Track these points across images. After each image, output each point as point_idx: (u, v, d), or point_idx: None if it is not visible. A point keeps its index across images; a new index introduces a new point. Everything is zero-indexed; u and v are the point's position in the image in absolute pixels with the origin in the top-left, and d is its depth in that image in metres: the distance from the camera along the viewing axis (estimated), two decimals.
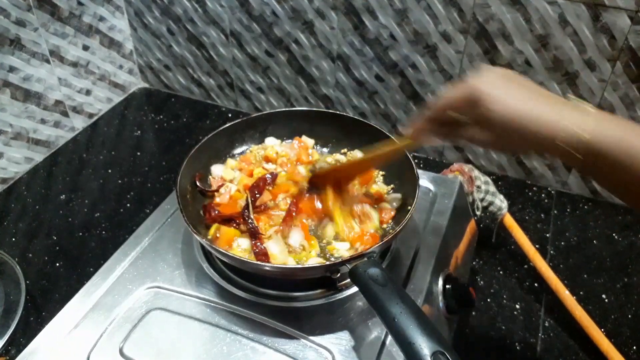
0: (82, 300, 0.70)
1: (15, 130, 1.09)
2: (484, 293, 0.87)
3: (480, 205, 0.89)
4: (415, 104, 1.12)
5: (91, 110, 1.27)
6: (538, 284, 0.88)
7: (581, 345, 0.79)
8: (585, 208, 1.05)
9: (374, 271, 0.59)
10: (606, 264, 0.93)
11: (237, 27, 1.20)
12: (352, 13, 1.06)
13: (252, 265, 0.65)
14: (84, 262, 0.92)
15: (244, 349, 0.62)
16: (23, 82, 1.08)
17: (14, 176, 1.11)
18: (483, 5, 0.95)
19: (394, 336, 0.54)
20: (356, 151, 0.85)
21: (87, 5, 1.18)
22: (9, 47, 1.03)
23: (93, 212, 1.02)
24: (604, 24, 0.89)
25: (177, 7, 1.23)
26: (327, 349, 0.62)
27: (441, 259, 0.76)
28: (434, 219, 0.81)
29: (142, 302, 0.68)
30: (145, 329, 0.65)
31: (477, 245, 0.93)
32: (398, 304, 0.55)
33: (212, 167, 0.82)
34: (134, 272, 0.72)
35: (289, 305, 0.67)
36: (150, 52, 1.35)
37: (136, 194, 1.07)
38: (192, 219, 0.70)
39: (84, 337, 0.65)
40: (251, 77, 1.27)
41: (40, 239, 0.97)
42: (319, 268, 0.63)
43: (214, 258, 0.73)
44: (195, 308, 0.68)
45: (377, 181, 0.81)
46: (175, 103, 1.36)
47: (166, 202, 0.84)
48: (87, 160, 1.16)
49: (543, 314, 0.84)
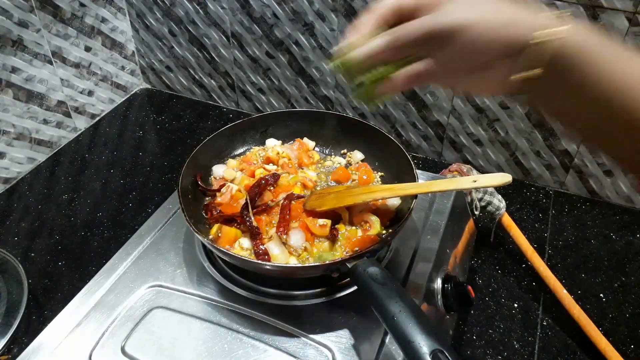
0: (84, 299, 0.70)
1: (18, 131, 1.09)
2: (482, 292, 0.88)
3: (479, 205, 0.90)
4: (413, 105, 1.13)
5: (93, 110, 1.28)
6: (536, 283, 0.89)
7: (579, 344, 0.80)
8: (582, 208, 1.05)
9: (374, 270, 0.59)
10: (604, 263, 0.93)
11: (238, 29, 1.20)
12: (352, 15, 1.07)
13: (253, 264, 0.66)
14: (86, 261, 0.92)
15: (245, 347, 0.63)
16: (25, 83, 1.08)
17: (17, 176, 1.12)
18: None
19: (393, 334, 0.54)
20: (356, 151, 0.86)
21: (89, 6, 1.19)
22: (12, 48, 1.04)
23: (95, 212, 1.03)
24: (602, 25, 0.89)
25: (178, 8, 1.24)
26: (327, 347, 0.63)
27: (440, 258, 0.76)
28: (432, 218, 0.81)
29: (144, 301, 0.69)
30: (147, 328, 0.66)
31: (475, 245, 0.93)
32: (397, 302, 0.55)
33: (213, 167, 0.83)
34: (135, 271, 0.73)
35: (289, 304, 0.67)
36: (152, 54, 1.36)
37: (138, 193, 1.08)
38: (194, 219, 0.70)
39: (86, 336, 0.66)
40: (252, 78, 1.27)
41: (43, 239, 0.98)
42: (318, 267, 0.64)
43: (215, 257, 0.74)
44: (197, 307, 0.68)
45: (376, 182, 0.82)
46: (177, 104, 1.37)
47: (168, 202, 0.85)
48: (89, 161, 1.17)
49: (541, 313, 0.85)
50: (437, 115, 1.12)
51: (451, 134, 1.13)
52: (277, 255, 0.68)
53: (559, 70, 0.42)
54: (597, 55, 0.42)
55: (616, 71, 0.41)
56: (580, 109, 0.44)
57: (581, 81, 0.42)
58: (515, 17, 0.44)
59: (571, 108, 0.45)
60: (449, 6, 0.45)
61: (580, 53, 0.42)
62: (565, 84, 0.43)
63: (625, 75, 0.41)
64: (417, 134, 1.16)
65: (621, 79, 0.41)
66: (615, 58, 0.42)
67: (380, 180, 0.82)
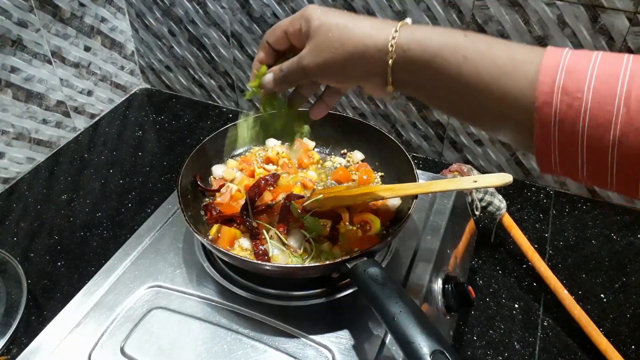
0: (83, 300, 0.70)
1: (17, 131, 1.09)
2: (482, 292, 0.87)
3: (479, 205, 0.90)
4: (413, 105, 1.13)
5: (93, 110, 1.28)
6: (537, 283, 0.88)
7: (580, 345, 0.80)
8: (583, 208, 1.05)
9: (374, 270, 0.59)
10: (604, 264, 0.93)
11: (237, 29, 1.20)
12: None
13: (252, 265, 0.66)
14: (86, 261, 0.92)
15: (245, 347, 0.63)
16: (25, 83, 1.08)
17: (16, 176, 1.11)
18: (482, 7, 0.95)
19: (394, 335, 0.54)
20: (356, 151, 0.86)
21: (89, 6, 1.19)
22: (11, 47, 1.04)
23: (94, 212, 1.03)
24: (603, 25, 0.89)
25: (178, 8, 1.23)
26: (327, 348, 0.63)
27: (440, 258, 0.76)
28: (433, 218, 0.81)
29: (143, 301, 0.69)
30: (146, 328, 0.66)
31: (476, 245, 0.93)
32: (397, 303, 0.55)
33: (213, 167, 0.83)
34: (135, 272, 0.73)
35: (289, 305, 0.67)
36: (152, 53, 1.35)
37: (137, 193, 1.07)
38: (193, 219, 0.70)
39: (85, 336, 0.65)
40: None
41: (42, 239, 0.97)
42: (318, 267, 0.64)
43: (214, 257, 0.74)
44: (196, 307, 0.68)
45: (376, 182, 0.82)
46: (177, 104, 1.37)
47: (167, 202, 0.85)
48: (88, 161, 1.17)
49: (542, 314, 0.84)
50: (437, 115, 1.12)
51: (451, 133, 1.12)
52: (277, 255, 0.68)
53: (403, 63, 0.49)
54: (433, 45, 0.47)
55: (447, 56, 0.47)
56: (436, 88, 0.50)
57: (425, 71, 0.48)
58: (358, 50, 0.50)
59: (440, 96, 0.50)
60: (305, 51, 0.54)
61: (420, 45, 0.48)
62: (412, 76, 0.49)
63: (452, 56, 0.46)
64: (418, 133, 1.16)
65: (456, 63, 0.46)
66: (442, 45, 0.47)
67: (380, 180, 0.82)
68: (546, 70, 0.41)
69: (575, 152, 0.41)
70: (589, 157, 0.41)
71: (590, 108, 0.39)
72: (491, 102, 0.45)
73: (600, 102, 0.39)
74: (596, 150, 0.40)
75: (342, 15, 0.52)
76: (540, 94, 0.41)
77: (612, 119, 0.39)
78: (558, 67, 0.41)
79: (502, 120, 0.46)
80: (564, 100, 0.40)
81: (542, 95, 0.41)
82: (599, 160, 0.41)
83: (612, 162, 0.40)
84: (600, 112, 0.39)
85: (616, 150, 0.39)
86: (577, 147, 0.41)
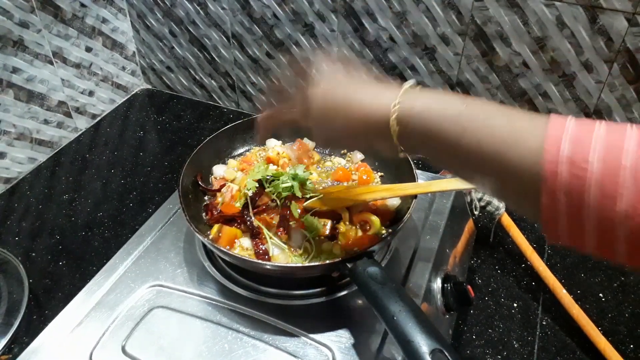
0: (84, 299, 0.71)
1: (19, 131, 1.10)
2: (481, 292, 0.88)
3: (478, 205, 0.90)
4: None
5: (94, 111, 1.28)
6: (535, 282, 0.89)
7: (578, 344, 0.80)
8: None
9: (373, 270, 0.60)
10: (603, 263, 0.93)
11: (238, 30, 1.21)
12: (352, 16, 1.07)
13: (253, 264, 0.66)
14: (87, 261, 0.93)
15: (245, 346, 0.63)
16: (26, 83, 1.08)
17: (18, 176, 1.12)
18: (481, 8, 0.96)
19: (393, 334, 0.54)
20: (356, 151, 0.86)
21: (90, 7, 1.19)
22: (12, 48, 1.04)
23: (96, 212, 1.03)
24: (601, 26, 0.89)
25: (179, 9, 1.24)
26: (327, 347, 0.63)
27: (439, 258, 0.76)
28: (432, 218, 0.82)
29: (145, 301, 0.69)
30: (147, 327, 0.66)
31: (475, 245, 0.93)
32: (397, 302, 0.55)
33: (214, 167, 0.83)
34: (136, 271, 0.73)
35: (289, 304, 0.68)
36: (153, 54, 1.36)
37: (139, 193, 1.08)
38: (194, 219, 0.71)
39: (86, 335, 0.66)
40: (252, 78, 1.28)
41: (44, 238, 0.98)
42: (318, 267, 0.64)
43: (215, 257, 0.74)
44: (197, 306, 0.68)
45: (376, 182, 0.82)
46: (177, 104, 1.37)
47: (168, 202, 0.85)
48: (90, 161, 1.17)
49: (540, 313, 0.85)
50: None
51: None
52: (277, 255, 0.68)
53: (403, 130, 0.50)
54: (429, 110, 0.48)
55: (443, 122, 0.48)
56: (441, 156, 0.50)
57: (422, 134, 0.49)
58: (361, 130, 0.53)
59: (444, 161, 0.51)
60: (313, 131, 0.58)
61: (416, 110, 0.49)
62: (412, 140, 0.50)
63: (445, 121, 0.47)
64: None
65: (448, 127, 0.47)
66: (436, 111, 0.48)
67: (380, 180, 0.83)
68: (551, 139, 0.41)
69: (582, 223, 0.40)
70: (597, 228, 0.40)
71: (597, 179, 0.38)
72: (493, 171, 0.45)
73: (608, 174, 0.38)
74: (605, 221, 0.39)
75: (342, 91, 0.54)
76: (546, 163, 0.40)
77: (621, 190, 0.38)
78: (562, 137, 0.40)
79: (506, 187, 0.46)
80: (571, 170, 0.39)
81: (548, 165, 0.40)
82: (608, 232, 0.39)
83: (621, 234, 0.39)
84: (609, 183, 0.38)
85: (626, 222, 0.38)
86: (584, 218, 0.40)
